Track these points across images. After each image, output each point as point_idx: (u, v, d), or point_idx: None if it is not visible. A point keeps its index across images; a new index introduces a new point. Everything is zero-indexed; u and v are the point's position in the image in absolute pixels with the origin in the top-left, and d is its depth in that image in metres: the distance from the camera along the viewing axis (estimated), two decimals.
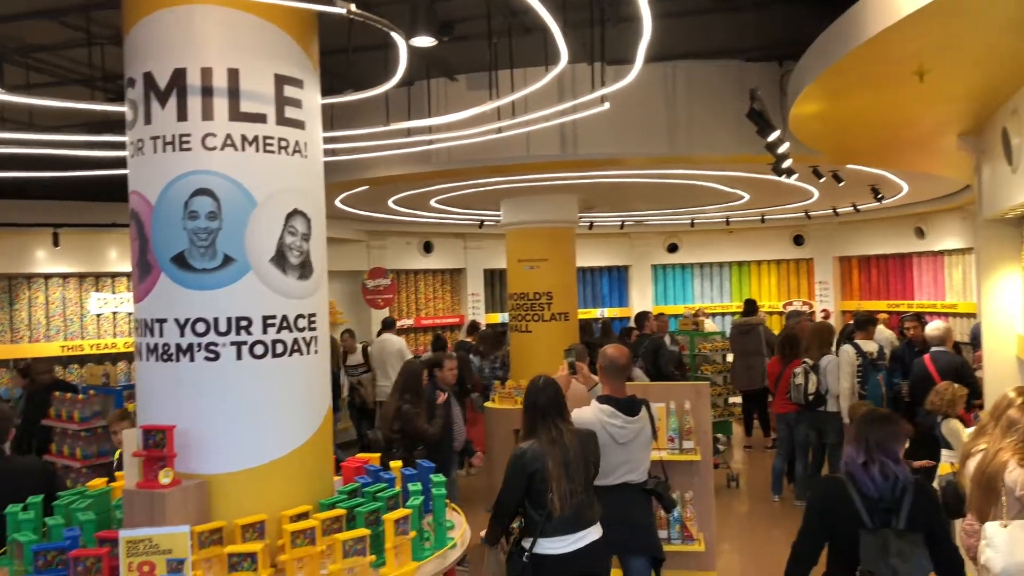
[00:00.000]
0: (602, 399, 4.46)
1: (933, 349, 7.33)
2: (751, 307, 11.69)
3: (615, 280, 17.67)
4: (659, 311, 13.98)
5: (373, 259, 14.46)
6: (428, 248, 15.55)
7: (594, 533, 3.97)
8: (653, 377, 9.24)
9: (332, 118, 6.37)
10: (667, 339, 10.67)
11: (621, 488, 4.39)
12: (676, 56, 7.27)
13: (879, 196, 11.08)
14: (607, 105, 5.53)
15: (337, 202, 10.33)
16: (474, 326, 13.72)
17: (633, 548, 4.43)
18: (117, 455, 5.25)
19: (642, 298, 17.32)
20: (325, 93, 4.18)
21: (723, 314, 16.89)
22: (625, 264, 17.51)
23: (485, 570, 4.04)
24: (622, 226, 15.63)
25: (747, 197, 11.43)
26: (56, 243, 10.59)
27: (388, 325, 11.28)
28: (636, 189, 10.31)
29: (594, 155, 7.46)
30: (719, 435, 10.46)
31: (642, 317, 11.18)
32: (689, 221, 15.11)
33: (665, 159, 7.69)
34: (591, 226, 14.97)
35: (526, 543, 3.89)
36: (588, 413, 4.43)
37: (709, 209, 13.20)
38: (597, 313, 16.70)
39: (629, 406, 4.44)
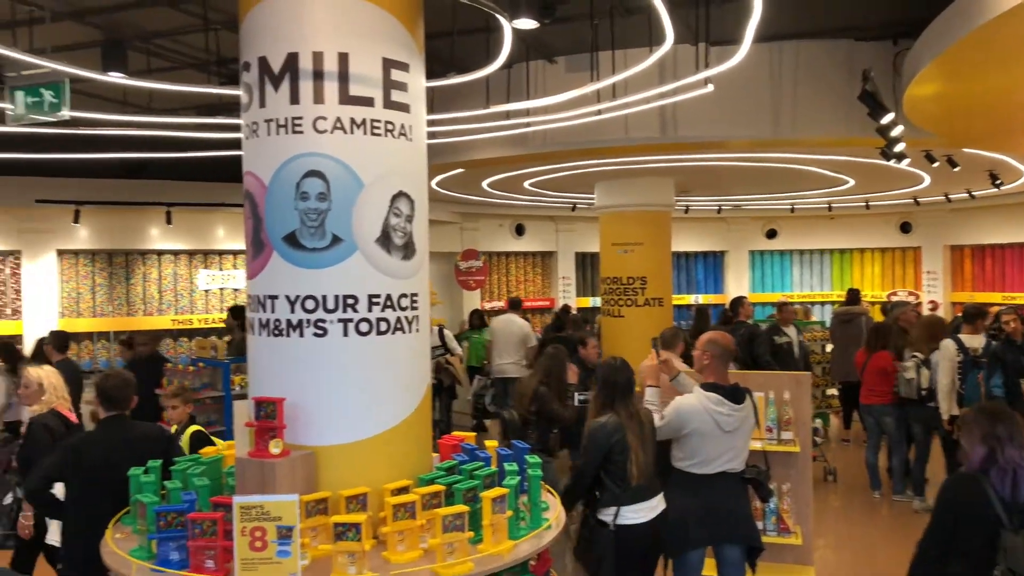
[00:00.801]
0: (707, 386, 4.42)
1: None
2: (853, 296, 11.31)
3: (710, 266, 17.37)
4: (754, 299, 13.66)
5: (466, 241, 14.64)
6: (520, 231, 15.63)
7: (662, 504, 4.32)
8: (748, 366, 9.04)
9: (432, 101, 6.47)
10: (792, 330, 9.96)
11: (720, 477, 4.35)
12: (783, 36, 7.07)
13: (997, 182, 10.52)
14: (711, 87, 5.43)
15: (433, 184, 10.49)
16: (565, 310, 13.73)
17: (731, 536, 4.39)
18: (174, 429, 5.39)
19: (738, 285, 16.98)
20: (427, 77, 4.25)
21: (822, 303, 16.40)
22: (721, 249, 17.19)
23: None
24: (719, 210, 15.35)
25: (852, 182, 11.04)
26: (169, 221, 11.12)
27: (515, 305, 11.50)
28: (736, 173, 10.11)
29: (694, 138, 7.35)
30: (817, 425, 10.17)
31: (737, 303, 10.95)
32: (789, 206, 14.71)
33: (768, 142, 7.52)
34: (687, 210, 14.75)
35: (607, 515, 4.19)
36: (692, 400, 4.40)
37: (811, 194, 12.82)
38: (691, 299, 16.47)
39: (735, 394, 4.41)
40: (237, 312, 9.32)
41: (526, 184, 11.13)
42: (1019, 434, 3.22)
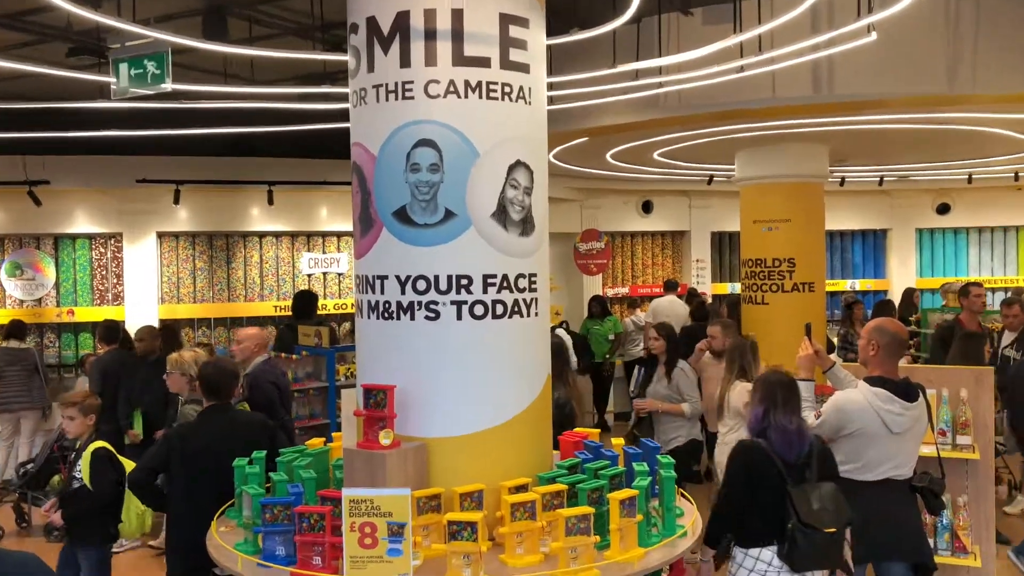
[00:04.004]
0: (873, 380, 4.32)
1: None
2: None
3: (869, 246, 16.73)
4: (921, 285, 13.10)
5: (587, 220, 14.59)
6: (647, 208, 15.45)
7: None
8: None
9: (551, 62, 6.48)
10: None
11: (884, 484, 4.25)
12: None
13: None
14: (874, 36, 5.21)
15: (551, 156, 10.51)
16: (692, 294, 13.51)
17: (898, 552, 4.25)
18: (78, 445, 5.28)
19: (903, 268, 16.28)
20: (550, 34, 4.26)
21: (1005, 289, 15.52)
22: (883, 227, 16.51)
23: None
24: (881, 182, 14.73)
25: None
26: (271, 201, 11.58)
27: (671, 287, 11.59)
28: (902, 137, 9.69)
29: (853, 96, 7.09)
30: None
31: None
32: (966, 176, 13.97)
33: (942, 99, 7.16)
34: (842, 182, 14.24)
35: None
36: (856, 396, 4.31)
37: (993, 162, 12.14)
38: (847, 285, 15.92)
39: (906, 390, 4.30)
40: (305, 298, 9.74)
41: (656, 155, 11.00)
42: (792, 400, 4.03)
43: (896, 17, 5.15)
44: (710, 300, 13.87)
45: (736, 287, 12.72)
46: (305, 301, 10.32)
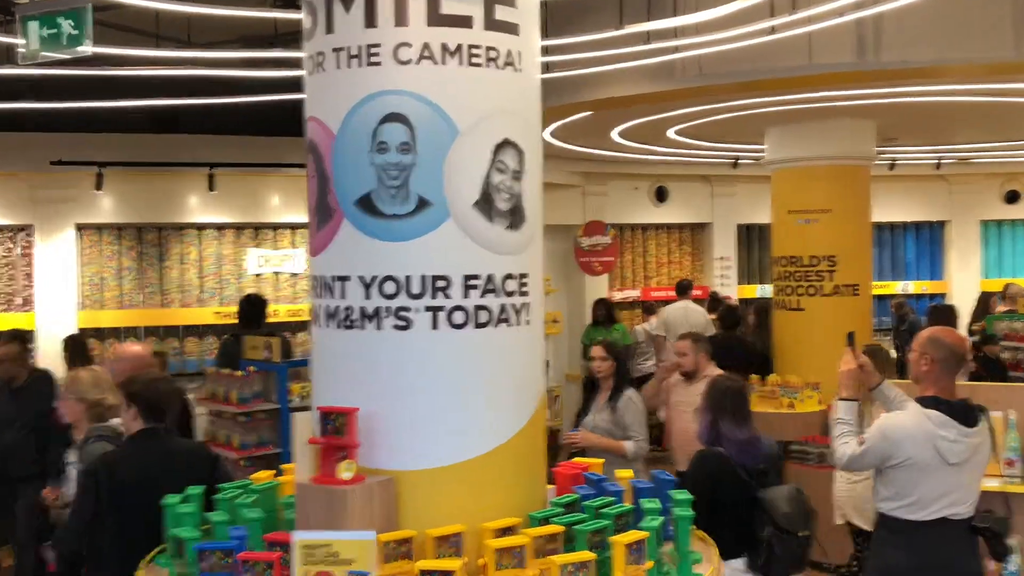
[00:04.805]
0: (926, 401, 4.33)
1: None
2: None
3: (924, 241, 16.85)
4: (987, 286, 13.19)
5: (590, 210, 14.62)
6: (662, 195, 15.50)
7: None
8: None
9: (546, 23, 6.49)
10: None
11: (940, 524, 4.25)
12: None
13: None
14: None
15: (547, 134, 10.52)
16: (715, 300, 13.56)
17: None
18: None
19: (964, 266, 16.40)
20: None
21: None
22: (941, 219, 16.65)
23: None
24: (938, 165, 14.86)
25: None
26: (212, 187, 11.55)
27: (684, 289, 12.03)
28: (961, 112, 9.77)
29: (903, 63, 7.15)
30: None
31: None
32: None
33: (1008, 66, 7.23)
34: (892, 165, 14.35)
35: None
36: (905, 419, 4.33)
37: None
38: (898, 287, 16.01)
39: (966, 413, 4.31)
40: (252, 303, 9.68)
41: (671, 132, 11.05)
42: (742, 409, 4.90)
43: None
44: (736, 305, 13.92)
45: (767, 290, 12.75)
46: (253, 307, 10.29)
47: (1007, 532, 4.50)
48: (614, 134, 11.03)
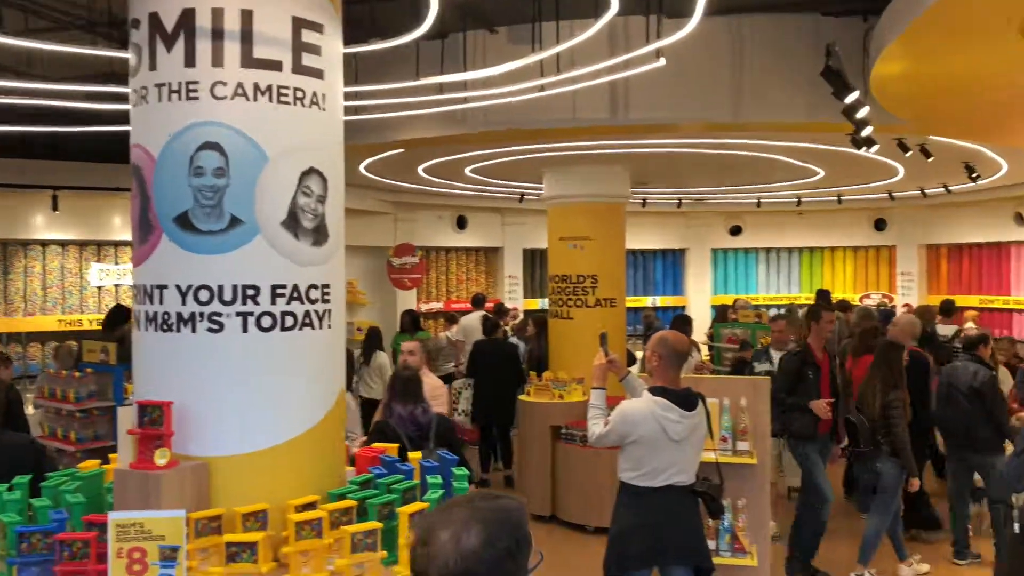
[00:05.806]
0: (655, 390, 4.44)
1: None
2: (824, 299, 11.55)
3: (669, 265, 17.58)
4: (716, 302, 13.86)
5: (401, 234, 14.53)
6: (462, 224, 15.58)
7: None
8: None
9: (357, 72, 6.39)
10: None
11: (667, 490, 4.37)
12: (744, 8, 7.16)
13: (974, 175, 10.82)
14: (663, 61, 5.46)
15: (361, 168, 10.37)
16: (501, 310, 13.70)
17: (677, 556, 4.41)
18: None
19: (699, 285, 17.20)
20: (350, 43, 4.19)
21: (789, 306, 16.70)
22: (681, 247, 17.41)
23: None
24: (679, 204, 15.51)
25: (822, 174, 11.25)
26: (55, 207, 10.80)
27: (479, 302, 11.96)
28: (695, 162, 10.21)
29: (647, 120, 7.38)
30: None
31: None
32: (755, 200, 14.94)
33: (728, 126, 7.60)
34: (644, 203, 14.87)
35: None
36: (639, 404, 4.42)
37: (778, 187, 13.03)
38: (648, 301, 16.63)
39: (686, 399, 4.43)
40: (121, 313, 9.08)
41: (467, 171, 11.09)
42: (410, 391, 5.18)
43: (685, 47, 5.41)
44: (521, 316, 14.12)
45: (547, 302, 13.00)
46: (115, 315, 9.65)
47: (719, 495, 4.67)
48: (420, 170, 10.99)
